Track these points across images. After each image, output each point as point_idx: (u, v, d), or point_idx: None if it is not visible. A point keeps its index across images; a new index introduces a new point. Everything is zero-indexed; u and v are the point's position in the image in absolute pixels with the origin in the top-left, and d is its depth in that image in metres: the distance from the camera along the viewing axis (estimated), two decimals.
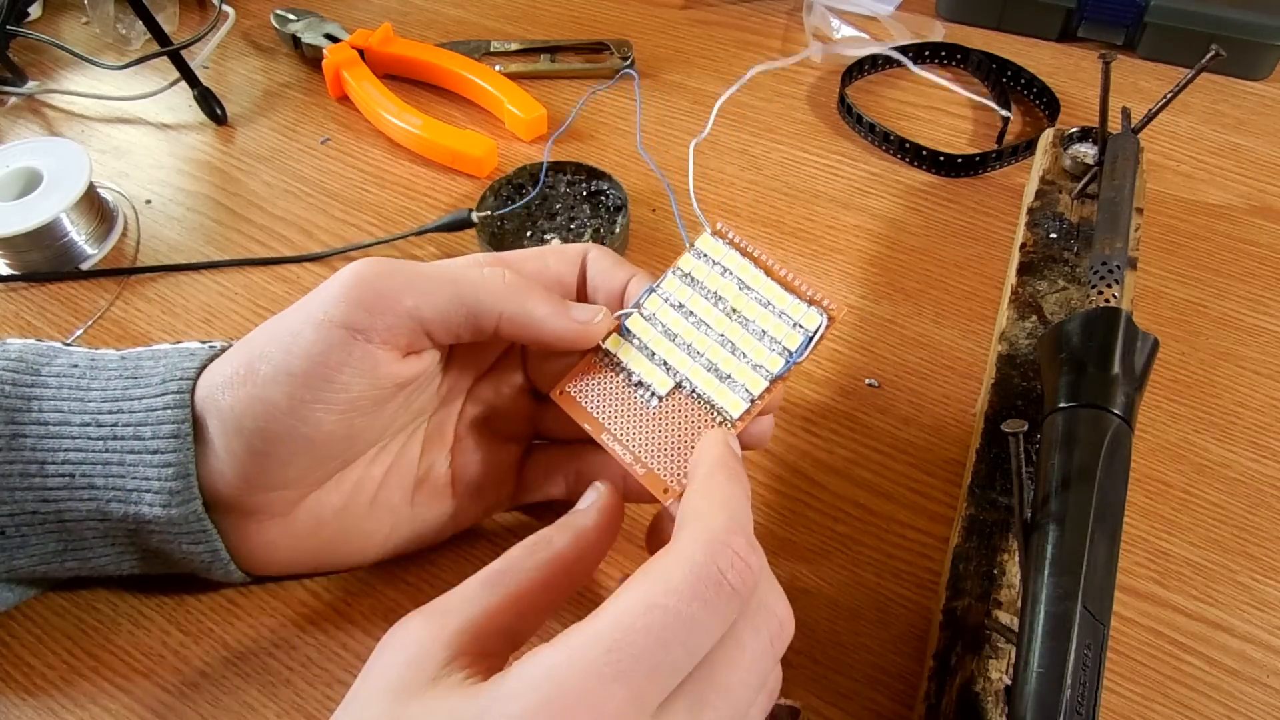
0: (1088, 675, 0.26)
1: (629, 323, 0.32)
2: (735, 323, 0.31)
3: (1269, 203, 0.52)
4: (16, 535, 0.30)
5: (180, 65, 0.56)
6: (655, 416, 0.30)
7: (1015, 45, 0.63)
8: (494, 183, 0.50)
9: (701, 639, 0.22)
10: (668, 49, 0.64)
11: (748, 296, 0.31)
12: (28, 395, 0.30)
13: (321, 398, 0.28)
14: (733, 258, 0.32)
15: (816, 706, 0.32)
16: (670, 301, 0.32)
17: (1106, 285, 0.37)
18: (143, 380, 0.30)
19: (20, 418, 0.29)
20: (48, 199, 0.46)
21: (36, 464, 0.29)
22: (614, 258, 0.33)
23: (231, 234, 0.50)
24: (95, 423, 0.29)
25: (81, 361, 0.31)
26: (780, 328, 0.31)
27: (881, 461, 0.39)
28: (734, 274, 0.32)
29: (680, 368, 0.31)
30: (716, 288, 0.32)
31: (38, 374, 0.30)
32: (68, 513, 0.30)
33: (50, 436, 0.29)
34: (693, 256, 0.32)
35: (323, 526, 0.32)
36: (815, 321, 0.31)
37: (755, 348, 0.31)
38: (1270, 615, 0.35)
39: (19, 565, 0.30)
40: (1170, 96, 0.44)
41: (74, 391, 0.30)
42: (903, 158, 0.54)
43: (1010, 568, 0.33)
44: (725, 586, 0.22)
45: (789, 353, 0.30)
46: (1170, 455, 0.40)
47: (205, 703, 0.32)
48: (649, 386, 0.31)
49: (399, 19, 0.66)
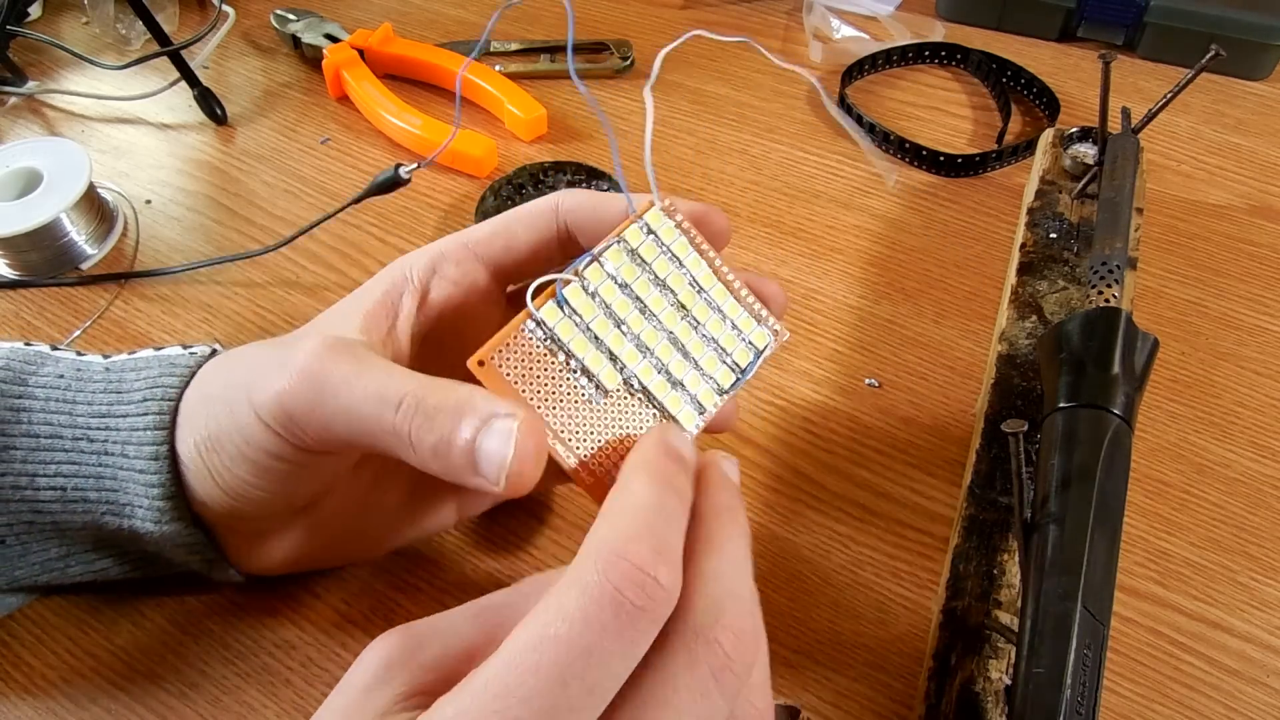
0: (1088, 675, 0.26)
1: (567, 292, 0.27)
2: (686, 323, 0.28)
3: (1269, 203, 0.52)
4: (17, 544, 0.30)
5: (180, 65, 0.56)
6: (597, 412, 0.27)
7: (1015, 45, 0.63)
8: (494, 183, 0.50)
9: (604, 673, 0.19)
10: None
11: (699, 297, 0.29)
12: (16, 407, 0.29)
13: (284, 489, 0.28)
14: (681, 245, 0.29)
15: (816, 706, 0.32)
16: (615, 278, 0.28)
17: (1106, 285, 0.37)
18: (125, 395, 0.30)
19: (10, 429, 0.29)
20: (48, 199, 0.46)
21: (28, 476, 0.29)
22: (592, 197, 0.29)
23: (231, 234, 0.50)
24: (86, 438, 0.29)
25: (68, 372, 0.31)
26: (730, 339, 0.29)
27: (881, 461, 0.39)
28: (686, 268, 0.29)
29: (629, 362, 0.27)
30: (665, 275, 0.28)
31: (25, 384, 0.30)
32: (64, 524, 0.30)
33: (41, 449, 0.29)
34: (640, 230, 0.28)
35: (320, 530, 0.32)
36: (764, 340, 0.29)
37: (706, 356, 0.28)
38: (1270, 615, 0.35)
39: (21, 575, 0.31)
40: (1170, 96, 0.44)
41: (61, 405, 0.30)
42: (903, 158, 0.54)
43: (1010, 568, 0.33)
44: (626, 606, 0.19)
45: (739, 368, 0.29)
46: (1170, 455, 0.40)
47: (205, 703, 0.32)
48: (595, 378, 0.27)
49: (399, 19, 0.66)
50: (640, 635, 0.19)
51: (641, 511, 0.21)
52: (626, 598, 0.19)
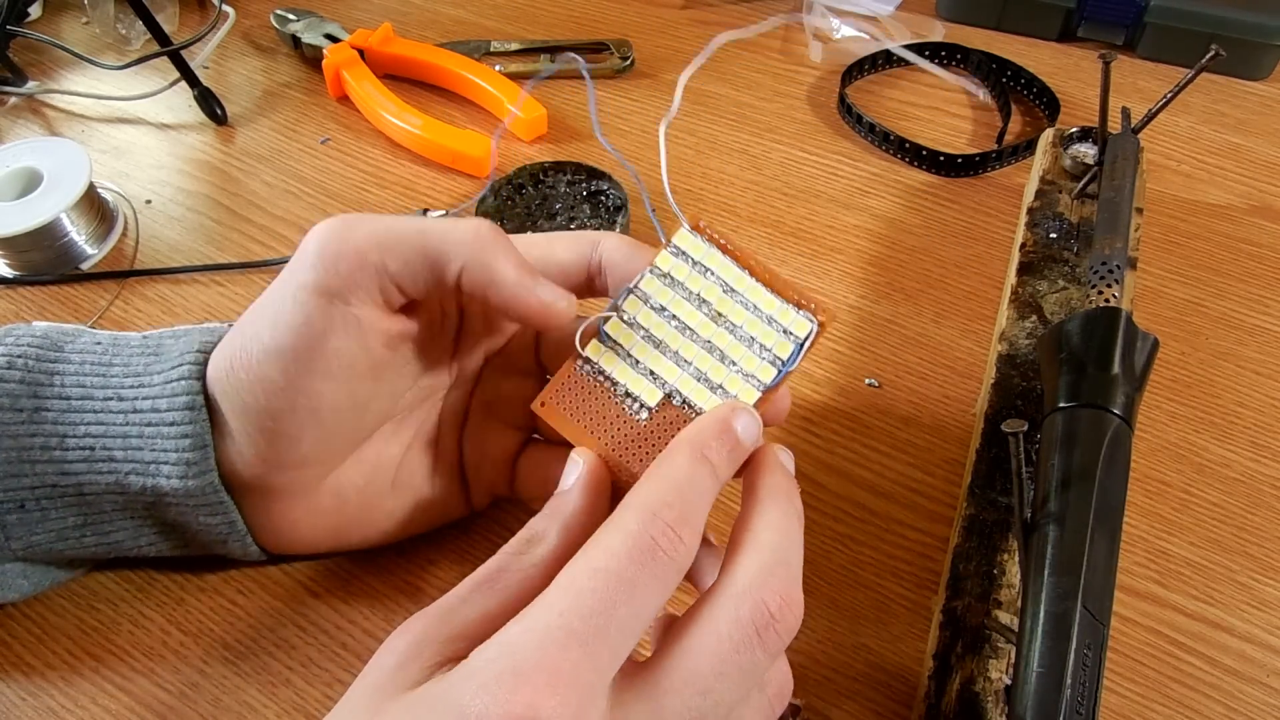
0: (1088, 675, 0.26)
1: (608, 327, 0.30)
2: (722, 328, 0.30)
3: (1269, 203, 0.52)
4: (36, 509, 0.30)
5: (180, 65, 0.56)
6: (645, 430, 0.29)
7: (1015, 45, 0.63)
8: (494, 182, 0.50)
9: (643, 602, 0.23)
10: (668, 49, 0.64)
11: (733, 300, 0.30)
12: (50, 370, 0.30)
13: (315, 368, 0.28)
14: (714, 256, 0.30)
15: (816, 706, 0.32)
16: (651, 304, 0.30)
17: (1106, 285, 0.37)
18: (163, 357, 0.31)
19: (43, 392, 0.30)
20: (48, 199, 0.46)
21: (57, 437, 0.30)
22: (632, 246, 0.31)
23: (231, 234, 0.50)
24: (117, 396, 0.30)
25: (105, 340, 0.32)
26: (769, 334, 0.29)
27: (881, 461, 0.39)
28: (716, 275, 0.30)
29: (668, 377, 0.29)
30: (699, 289, 0.30)
31: (61, 350, 0.31)
32: (87, 485, 0.30)
33: (72, 410, 0.30)
34: (670, 254, 0.30)
35: (345, 505, 0.32)
36: (805, 328, 0.29)
37: (745, 355, 0.29)
38: (1270, 615, 0.35)
39: (38, 540, 0.31)
40: (1170, 96, 0.44)
41: (96, 367, 0.31)
42: (903, 158, 0.54)
43: (1010, 568, 0.33)
44: (659, 552, 0.23)
45: (780, 361, 0.29)
46: (1170, 455, 0.40)
47: (205, 703, 0.32)
48: (637, 398, 0.29)
49: (399, 19, 0.66)
50: (670, 577, 0.23)
51: (677, 481, 0.25)
52: (660, 546, 0.23)
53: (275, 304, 0.28)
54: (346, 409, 0.30)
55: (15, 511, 0.30)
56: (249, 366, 0.28)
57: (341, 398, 0.29)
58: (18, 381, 0.30)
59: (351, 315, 0.28)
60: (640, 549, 0.23)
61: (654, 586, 0.23)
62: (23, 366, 0.30)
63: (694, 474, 0.25)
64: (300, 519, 0.32)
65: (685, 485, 0.25)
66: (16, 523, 0.30)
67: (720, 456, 0.26)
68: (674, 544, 0.23)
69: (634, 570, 0.23)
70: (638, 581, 0.23)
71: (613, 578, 0.22)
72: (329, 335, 0.28)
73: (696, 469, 0.25)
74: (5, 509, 0.30)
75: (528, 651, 0.21)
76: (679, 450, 0.26)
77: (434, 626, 0.24)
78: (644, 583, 0.23)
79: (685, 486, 0.25)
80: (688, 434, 0.27)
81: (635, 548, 0.23)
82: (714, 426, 0.27)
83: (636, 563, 0.23)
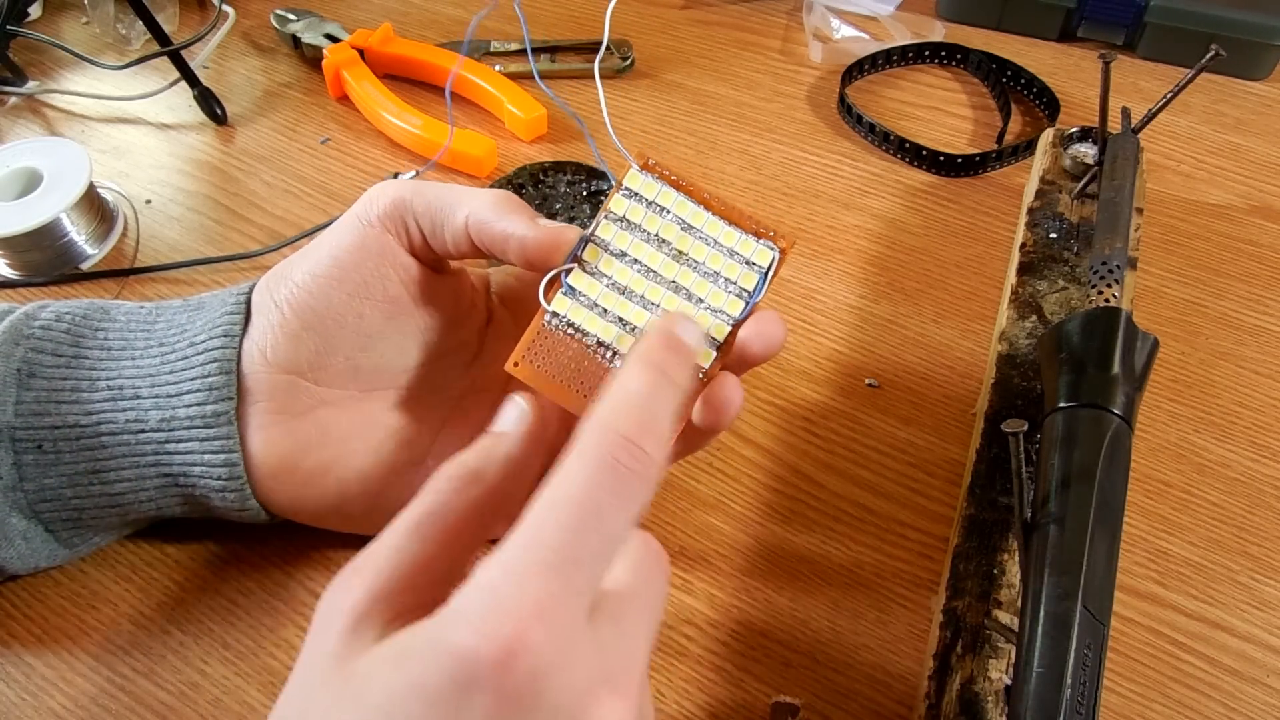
0: (1088, 675, 0.26)
1: (571, 279, 0.30)
2: (685, 266, 0.30)
3: (1269, 203, 0.52)
4: (52, 450, 0.31)
5: (180, 65, 0.56)
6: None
7: (1015, 45, 0.63)
8: (494, 182, 0.50)
9: (612, 523, 0.23)
10: (668, 49, 0.64)
11: (692, 237, 0.30)
12: (95, 326, 0.33)
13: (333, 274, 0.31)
14: (667, 194, 0.30)
15: (816, 706, 0.32)
16: (611, 250, 0.30)
17: (1106, 285, 0.37)
18: (208, 306, 0.33)
19: (85, 342, 0.32)
20: (48, 199, 0.46)
21: (89, 380, 0.32)
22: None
23: (231, 234, 0.50)
24: (159, 343, 0.32)
25: (148, 305, 0.34)
26: (732, 267, 0.30)
27: (881, 461, 0.39)
28: (672, 213, 0.30)
29: (638, 322, 0.29)
30: (657, 229, 0.30)
31: (107, 313, 0.34)
32: (105, 424, 0.31)
33: (110, 359, 0.32)
34: (624, 197, 0.30)
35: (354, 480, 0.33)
36: (767, 257, 0.30)
37: (711, 291, 0.30)
38: (1270, 615, 0.35)
39: (50, 484, 0.31)
40: (1170, 96, 0.44)
41: (141, 324, 0.33)
42: (903, 158, 0.54)
43: (1010, 568, 0.33)
44: (620, 469, 0.23)
45: (746, 293, 0.29)
46: (1170, 455, 0.40)
47: (205, 702, 0.32)
48: (609, 345, 0.29)
49: (399, 19, 0.66)
50: (638, 490, 0.23)
51: (630, 393, 0.25)
52: (622, 461, 0.23)
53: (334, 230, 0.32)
54: (353, 329, 0.32)
55: (32, 452, 0.31)
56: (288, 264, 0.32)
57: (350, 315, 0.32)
58: (63, 332, 0.32)
59: (375, 237, 0.31)
60: (602, 469, 0.23)
61: (622, 505, 0.23)
62: (70, 320, 0.33)
63: (645, 381, 0.25)
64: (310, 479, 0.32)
65: (638, 395, 0.25)
66: (32, 464, 0.31)
67: (670, 361, 0.26)
68: (635, 457, 0.23)
69: (599, 493, 0.22)
70: (604, 503, 0.22)
71: (576, 506, 0.22)
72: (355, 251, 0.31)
73: (646, 375, 0.25)
74: (23, 448, 0.31)
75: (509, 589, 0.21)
76: (627, 366, 0.26)
77: (377, 582, 0.23)
78: (610, 503, 0.22)
79: (638, 396, 0.25)
80: (633, 350, 0.27)
81: (597, 470, 0.23)
82: (655, 336, 0.27)
83: (600, 485, 0.22)
